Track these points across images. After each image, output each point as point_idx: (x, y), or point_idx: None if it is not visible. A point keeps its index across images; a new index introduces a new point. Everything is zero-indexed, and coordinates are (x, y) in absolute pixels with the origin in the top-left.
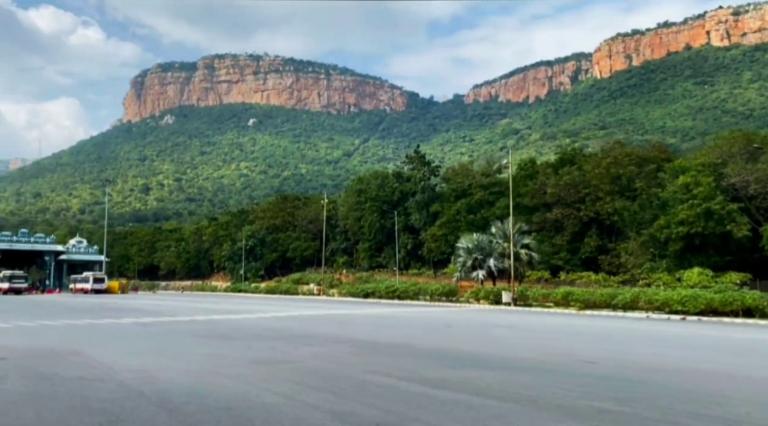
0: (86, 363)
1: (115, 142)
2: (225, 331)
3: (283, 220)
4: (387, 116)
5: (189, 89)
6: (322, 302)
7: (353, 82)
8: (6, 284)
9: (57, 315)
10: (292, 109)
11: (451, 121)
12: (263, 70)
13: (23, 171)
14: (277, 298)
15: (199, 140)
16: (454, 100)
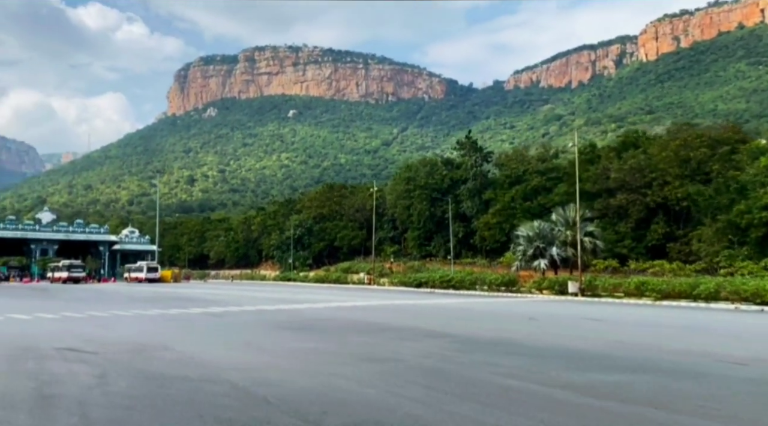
0: (181, 359)
1: (161, 135)
2: (303, 323)
3: (330, 210)
4: (425, 104)
5: (230, 82)
6: (376, 292)
7: (391, 70)
8: (65, 273)
9: (123, 304)
10: (330, 99)
11: (491, 108)
12: (302, 62)
13: (74, 164)
14: (327, 287)
15: (241, 132)
16: (494, 87)
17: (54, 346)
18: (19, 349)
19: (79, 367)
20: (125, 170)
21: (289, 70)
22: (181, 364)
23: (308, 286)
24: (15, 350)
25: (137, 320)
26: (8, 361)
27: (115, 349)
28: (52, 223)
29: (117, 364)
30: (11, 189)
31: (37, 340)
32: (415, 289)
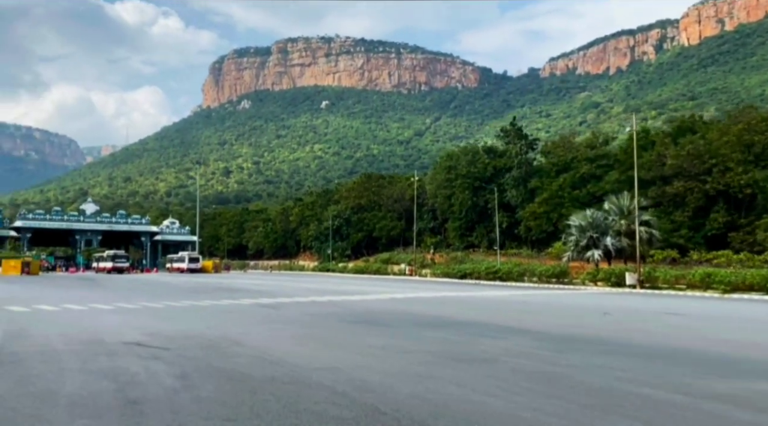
0: (258, 357)
1: (196, 128)
2: (364, 316)
3: (368, 200)
4: (459, 93)
5: (264, 74)
6: (420, 283)
7: (424, 60)
8: (109, 263)
9: (173, 295)
10: (363, 89)
11: (526, 96)
12: (334, 52)
13: (114, 157)
14: (368, 278)
15: (275, 124)
16: (529, 75)
17: (120, 340)
18: (85, 343)
19: (156, 365)
20: (162, 162)
21: (321, 61)
22: (261, 363)
23: (348, 277)
24: (81, 345)
25: (193, 312)
26: (79, 357)
27: (185, 345)
28: (95, 214)
29: (193, 362)
30: (54, 181)
31: (99, 333)
32: (459, 281)
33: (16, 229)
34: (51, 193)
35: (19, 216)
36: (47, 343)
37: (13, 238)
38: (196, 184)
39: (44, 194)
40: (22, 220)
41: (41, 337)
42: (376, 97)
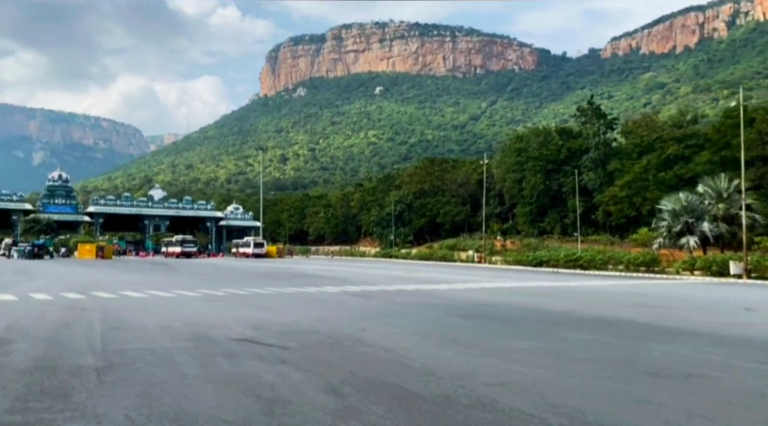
0: (400, 362)
1: (254, 116)
2: (475, 309)
3: (431, 185)
4: (515, 76)
5: (319, 61)
6: (495, 271)
7: (479, 42)
8: (178, 248)
9: (251, 281)
10: (417, 74)
11: (586, 77)
12: (389, 37)
13: (176, 145)
14: (434, 265)
15: (330, 111)
16: (590, 56)
17: (228, 336)
18: (192, 338)
19: (288, 371)
20: (222, 150)
21: (375, 47)
22: (411, 372)
23: (414, 263)
24: (189, 341)
25: (285, 300)
26: (194, 358)
27: (303, 343)
28: (163, 200)
29: (329, 368)
30: (121, 169)
31: (200, 325)
32: (534, 269)
33: (90, 215)
34: (118, 180)
35: (92, 201)
36: (152, 338)
37: (87, 223)
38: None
39: (112, 181)
40: (95, 206)
41: (141, 330)
42: (431, 81)
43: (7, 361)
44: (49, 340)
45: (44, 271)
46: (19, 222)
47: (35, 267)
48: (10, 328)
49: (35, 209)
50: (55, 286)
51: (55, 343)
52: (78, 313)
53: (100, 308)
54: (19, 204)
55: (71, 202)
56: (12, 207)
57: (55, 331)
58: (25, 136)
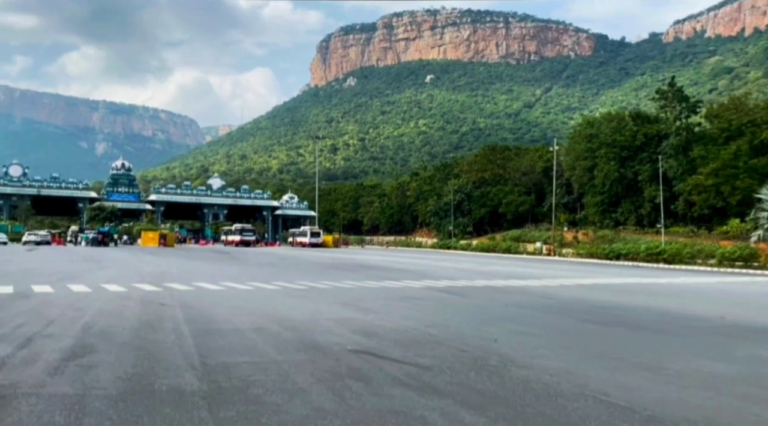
0: (587, 395)
1: (305, 106)
2: (599, 313)
3: (492, 173)
4: (571, 62)
5: (369, 50)
6: (571, 265)
7: (534, 28)
8: (238, 237)
9: (322, 272)
10: (469, 62)
11: (646, 63)
12: (440, 25)
13: (230, 136)
14: (498, 257)
15: (379, 100)
16: (650, 40)
17: (340, 345)
18: (300, 348)
19: (451, 407)
20: (274, 141)
21: (426, 35)
22: (615, 411)
23: (476, 255)
24: (299, 352)
25: (372, 296)
26: (321, 382)
27: (436, 358)
28: (221, 189)
29: (502, 404)
30: (178, 159)
31: (299, 329)
32: (612, 263)
33: (151, 203)
34: (176, 170)
35: (154, 190)
36: (252, 345)
37: (148, 211)
38: (306, 160)
39: (170, 171)
40: (157, 194)
41: (236, 333)
42: (483, 68)
43: (92, 379)
44: (136, 347)
45: (112, 259)
46: (84, 210)
47: (102, 255)
48: (88, 330)
49: (100, 197)
50: (126, 275)
51: (143, 352)
52: (158, 310)
53: (180, 303)
54: (85, 192)
55: (134, 191)
56: (78, 195)
57: (139, 335)
58: (88, 128)
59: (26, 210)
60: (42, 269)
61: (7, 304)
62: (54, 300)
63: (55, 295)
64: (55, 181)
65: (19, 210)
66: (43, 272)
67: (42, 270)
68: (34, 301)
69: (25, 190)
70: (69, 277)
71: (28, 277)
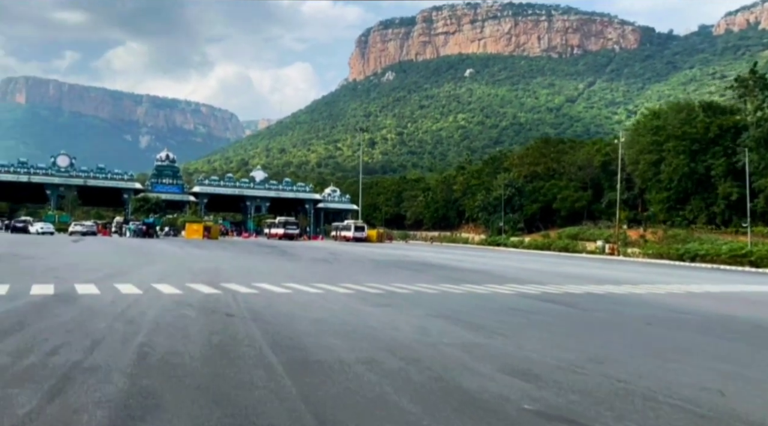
0: None
1: (343, 101)
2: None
3: (545, 167)
4: (616, 56)
5: (408, 44)
6: (640, 266)
7: (577, 21)
8: (281, 230)
9: (385, 272)
10: (509, 55)
11: (695, 56)
12: (480, 18)
13: (270, 130)
14: (557, 255)
15: (418, 94)
16: (700, 33)
17: (507, 399)
18: (455, 405)
19: None
20: (313, 134)
21: (466, 28)
22: None
23: (532, 253)
24: (460, 415)
25: (470, 306)
26: None
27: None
28: (264, 181)
29: None
30: (219, 152)
31: (424, 361)
32: (687, 264)
33: (195, 194)
34: (216, 163)
35: (197, 182)
36: (380, 397)
37: (192, 203)
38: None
39: (211, 164)
40: (200, 186)
41: (345, 372)
42: (524, 62)
43: None
44: (216, 398)
45: (160, 252)
46: (129, 201)
47: (149, 247)
48: (145, 358)
49: (144, 188)
50: (177, 272)
51: (229, 409)
52: (228, 325)
53: (249, 313)
54: (130, 183)
55: (177, 182)
56: (123, 186)
57: (216, 372)
58: (133, 121)
59: (72, 200)
60: (87, 263)
61: (45, 312)
62: (100, 306)
63: (102, 299)
64: (101, 172)
65: (66, 200)
66: (89, 267)
67: (87, 264)
68: (76, 307)
69: (72, 180)
70: (116, 274)
71: (73, 273)
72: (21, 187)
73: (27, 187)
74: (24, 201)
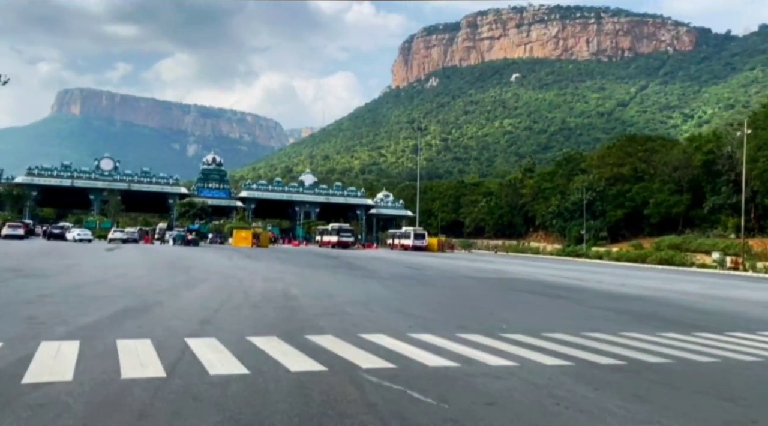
0: None
1: (386, 107)
2: None
3: (631, 168)
4: (669, 58)
5: (452, 50)
6: None
7: (628, 23)
8: (334, 237)
9: (535, 308)
10: (557, 59)
11: (755, 57)
12: (527, 22)
13: (313, 137)
14: (664, 270)
15: (462, 100)
16: (760, 32)
17: None
18: None
19: None
20: (356, 141)
21: (512, 33)
22: None
23: (627, 266)
24: None
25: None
26: None
27: None
28: (313, 186)
29: None
30: (263, 160)
31: None
32: None
33: (242, 200)
34: (261, 170)
35: (245, 186)
36: None
37: (239, 209)
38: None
39: (256, 171)
40: (247, 191)
41: None
42: (572, 66)
43: None
44: None
45: (204, 266)
46: (174, 206)
47: (192, 258)
48: None
49: (190, 193)
50: (230, 303)
51: None
52: None
53: None
54: (175, 187)
55: (224, 187)
56: (168, 190)
57: None
58: (181, 130)
59: (116, 205)
60: (104, 285)
61: None
62: None
63: (61, 409)
64: (145, 176)
65: (109, 205)
66: (102, 292)
67: (103, 286)
68: None
69: (115, 184)
70: (134, 310)
71: (67, 308)
72: (65, 192)
73: (71, 192)
74: (69, 207)
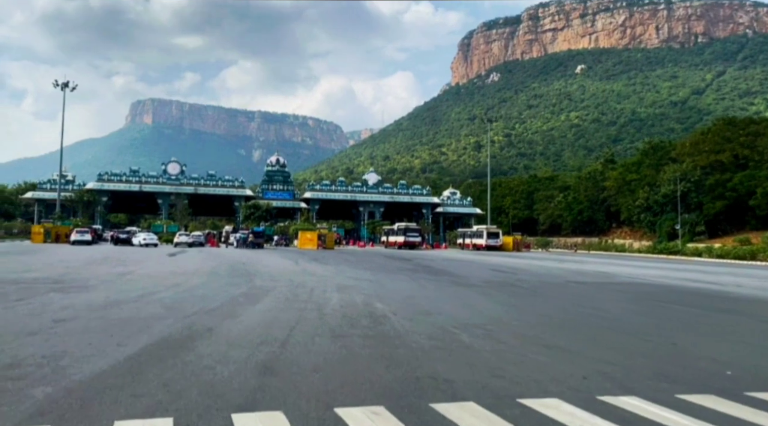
0: None
1: (446, 105)
2: None
3: (731, 155)
4: (749, 42)
5: (513, 44)
6: None
7: (701, 7)
8: (401, 238)
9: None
10: (624, 49)
11: None
12: (591, 12)
13: (373, 138)
14: None
15: (525, 94)
16: None
17: None
18: None
19: None
20: (416, 140)
21: (575, 23)
22: None
23: (740, 264)
24: None
25: None
26: None
27: None
28: (377, 185)
29: None
30: (324, 162)
31: None
32: None
33: (306, 201)
34: (323, 172)
35: (308, 187)
36: None
37: (303, 210)
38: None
39: (318, 174)
40: (311, 191)
41: None
42: (641, 55)
43: None
44: None
45: (268, 273)
46: (240, 208)
47: (256, 262)
48: None
49: (255, 195)
50: (299, 336)
51: None
52: None
53: None
54: (240, 190)
55: (288, 188)
56: (234, 193)
57: None
58: (246, 136)
59: (183, 209)
60: (152, 298)
61: None
62: None
63: None
64: (211, 179)
65: (177, 209)
66: (146, 312)
67: (150, 302)
68: None
69: (182, 188)
70: (173, 343)
71: (89, 338)
72: (134, 197)
73: (140, 197)
74: (140, 212)
